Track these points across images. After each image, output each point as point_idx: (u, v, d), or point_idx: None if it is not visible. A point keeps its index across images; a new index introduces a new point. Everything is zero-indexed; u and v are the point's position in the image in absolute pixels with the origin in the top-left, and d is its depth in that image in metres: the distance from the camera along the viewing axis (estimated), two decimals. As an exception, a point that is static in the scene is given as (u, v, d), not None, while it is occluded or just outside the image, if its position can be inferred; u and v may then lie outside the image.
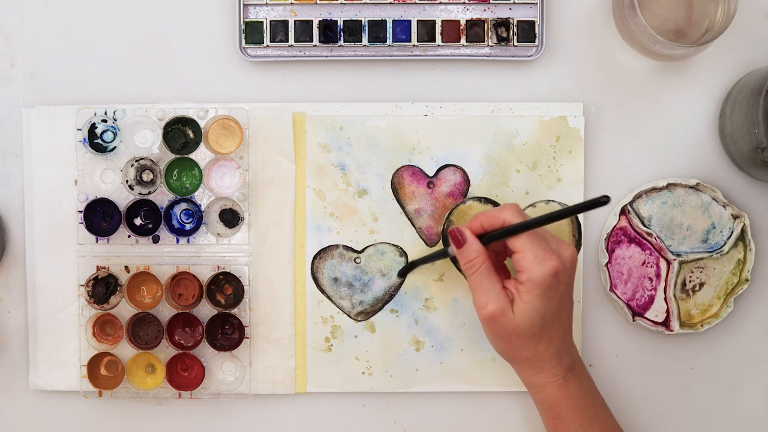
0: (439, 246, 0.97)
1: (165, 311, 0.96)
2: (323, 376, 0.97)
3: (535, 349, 0.85)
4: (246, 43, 0.95)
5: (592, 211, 0.97)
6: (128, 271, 0.95)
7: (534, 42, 0.95)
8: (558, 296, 0.85)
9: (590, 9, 0.97)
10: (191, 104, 0.96)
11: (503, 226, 0.85)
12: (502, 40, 0.95)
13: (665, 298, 0.97)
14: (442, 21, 0.95)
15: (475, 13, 0.96)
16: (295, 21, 0.95)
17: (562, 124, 0.96)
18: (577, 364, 0.88)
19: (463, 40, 0.95)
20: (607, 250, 0.96)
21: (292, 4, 0.95)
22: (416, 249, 0.97)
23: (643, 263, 0.97)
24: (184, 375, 0.96)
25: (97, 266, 0.95)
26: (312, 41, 0.95)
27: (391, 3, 0.95)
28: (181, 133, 0.95)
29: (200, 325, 0.96)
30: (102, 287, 0.95)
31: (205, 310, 0.96)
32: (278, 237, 0.96)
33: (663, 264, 0.97)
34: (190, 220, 0.96)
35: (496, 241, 0.86)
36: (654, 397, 0.98)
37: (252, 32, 0.95)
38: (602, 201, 0.78)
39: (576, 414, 0.87)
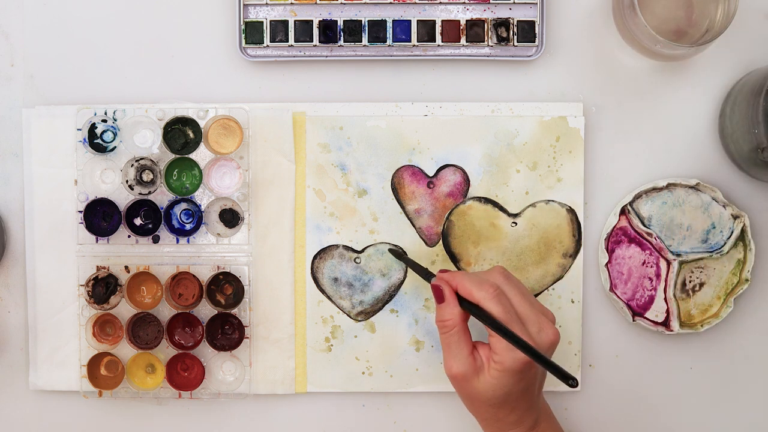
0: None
1: (165, 311, 0.96)
2: (323, 376, 0.97)
3: (494, 413, 0.85)
4: (246, 43, 0.95)
5: (592, 212, 0.97)
6: (128, 271, 0.95)
7: (534, 42, 0.95)
8: (528, 378, 0.84)
9: (590, 9, 0.97)
10: (191, 104, 0.96)
11: (479, 305, 0.84)
12: (502, 40, 0.95)
13: (665, 298, 0.97)
14: (442, 21, 0.95)
15: (475, 13, 0.96)
16: (295, 21, 0.95)
17: (562, 124, 0.96)
18: (542, 419, 0.87)
19: (463, 40, 0.95)
20: (607, 250, 0.96)
21: (292, 4, 0.95)
22: (416, 249, 0.97)
23: (643, 263, 0.97)
24: (184, 375, 0.96)
25: (97, 266, 0.95)
26: (312, 41, 0.95)
27: (391, 3, 0.95)
28: (181, 133, 0.95)
29: (200, 325, 0.96)
30: (102, 287, 0.95)
31: (205, 310, 0.96)
32: (278, 237, 0.96)
33: (663, 264, 0.97)
34: (190, 220, 0.96)
35: (468, 312, 0.86)
36: (654, 397, 0.98)
37: (252, 32, 0.95)
38: (570, 383, 0.77)
39: None
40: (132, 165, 0.95)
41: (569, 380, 0.77)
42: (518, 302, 0.85)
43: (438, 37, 0.95)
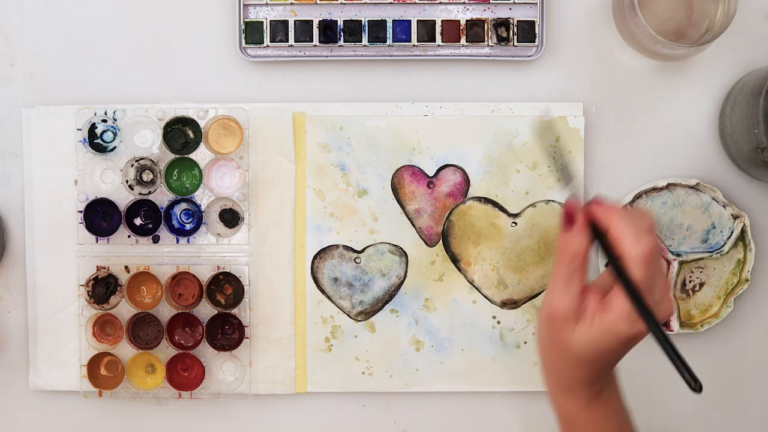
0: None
1: (165, 311, 0.96)
2: (323, 376, 0.97)
3: (571, 370, 0.77)
4: (246, 43, 0.95)
5: (592, 211, 0.97)
6: (128, 271, 0.95)
7: (534, 42, 0.95)
8: (626, 350, 0.76)
9: (590, 9, 0.97)
10: (191, 104, 0.96)
11: (621, 258, 0.73)
12: (502, 40, 0.95)
13: (665, 298, 0.97)
14: (442, 21, 0.95)
15: (475, 13, 0.96)
16: (295, 21, 0.95)
17: (562, 124, 0.96)
18: (608, 388, 0.79)
19: (463, 40, 0.95)
20: (607, 250, 0.96)
21: (292, 4, 0.95)
22: (416, 249, 0.97)
23: (643, 263, 0.97)
24: (184, 375, 0.96)
25: (97, 266, 0.95)
26: (312, 41, 0.95)
27: (391, 3, 0.95)
28: (181, 133, 0.95)
29: (200, 325, 0.96)
30: (102, 287, 0.95)
31: (205, 310, 0.96)
32: (278, 237, 0.96)
33: (663, 264, 0.97)
34: (190, 220, 0.96)
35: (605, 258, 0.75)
36: (654, 397, 0.98)
37: (252, 32, 0.95)
38: (696, 388, 0.69)
39: None
40: (132, 165, 0.95)
41: (695, 384, 0.68)
42: (659, 269, 0.74)
43: (438, 37, 0.95)
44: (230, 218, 0.95)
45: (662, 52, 0.90)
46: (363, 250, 0.97)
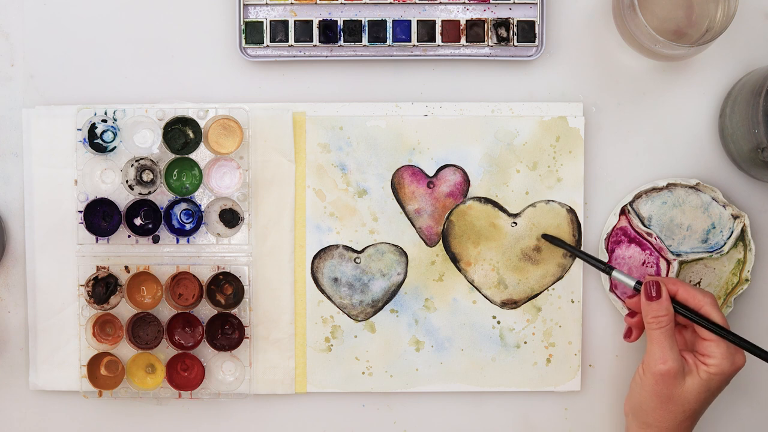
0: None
1: (165, 311, 0.96)
2: (323, 376, 0.97)
3: (681, 421, 0.88)
4: (246, 43, 0.95)
5: (592, 212, 0.97)
6: (128, 271, 0.96)
7: (534, 42, 0.95)
8: (718, 393, 0.89)
9: (590, 9, 0.97)
10: (191, 104, 0.96)
11: (700, 310, 0.88)
12: (502, 40, 0.95)
13: (665, 298, 0.97)
14: (442, 21, 0.95)
15: (475, 13, 0.96)
16: (295, 21, 0.95)
17: (562, 124, 0.96)
18: None
19: (463, 40, 0.96)
20: (607, 250, 0.96)
21: (292, 4, 0.95)
22: (416, 249, 0.97)
23: (643, 263, 0.97)
24: (184, 375, 0.96)
25: (97, 266, 0.95)
26: (312, 41, 0.95)
27: (391, 3, 0.95)
28: (181, 133, 0.95)
29: (200, 325, 0.96)
30: (102, 287, 0.95)
31: (205, 310, 0.96)
32: (278, 237, 0.96)
33: (663, 264, 0.97)
34: (190, 220, 0.96)
35: (682, 315, 0.89)
36: (654, 397, 0.98)
37: (252, 32, 0.95)
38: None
39: None
40: (132, 165, 0.95)
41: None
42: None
43: (438, 37, 0.95)
44: (230, 218, 0.95)
45: (662, 52, 0.90)
46: (363, 250, 0.97)
